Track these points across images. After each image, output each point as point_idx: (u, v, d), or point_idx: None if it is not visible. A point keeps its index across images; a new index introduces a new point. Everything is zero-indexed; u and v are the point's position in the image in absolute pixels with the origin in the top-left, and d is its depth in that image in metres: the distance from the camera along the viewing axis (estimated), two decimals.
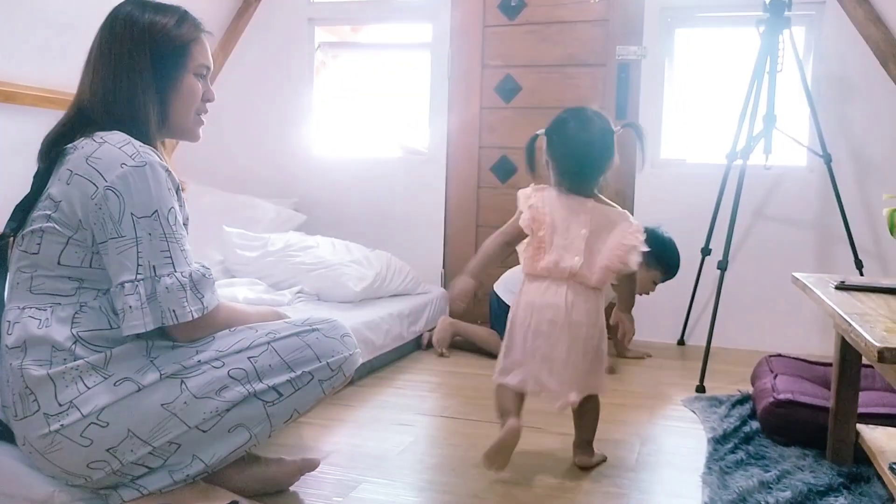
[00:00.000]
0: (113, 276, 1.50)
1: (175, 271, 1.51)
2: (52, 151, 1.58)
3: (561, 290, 1.92)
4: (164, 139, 1.69)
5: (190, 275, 1.53)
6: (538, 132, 2.06)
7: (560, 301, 1.91)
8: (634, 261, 1.94)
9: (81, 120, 1.59)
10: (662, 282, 3.15)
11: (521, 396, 1.95)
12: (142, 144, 1.54)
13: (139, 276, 1.48)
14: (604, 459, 2.05)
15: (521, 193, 2.01)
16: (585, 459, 2.02)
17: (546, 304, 1.92)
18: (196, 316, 1.53)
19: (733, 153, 3.18)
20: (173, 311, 1.50)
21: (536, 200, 1.97)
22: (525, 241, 1.99)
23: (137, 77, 1.58)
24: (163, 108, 1.63)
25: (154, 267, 1.49)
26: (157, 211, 1.51)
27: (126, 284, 1.48)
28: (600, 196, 2.02)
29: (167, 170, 1.55)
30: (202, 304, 1.54)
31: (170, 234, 1.52)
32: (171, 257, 1.51)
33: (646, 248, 1.98)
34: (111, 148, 1.51)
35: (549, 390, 1.92)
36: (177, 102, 1.65)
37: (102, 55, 1.59)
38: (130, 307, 1.47)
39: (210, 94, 1.72)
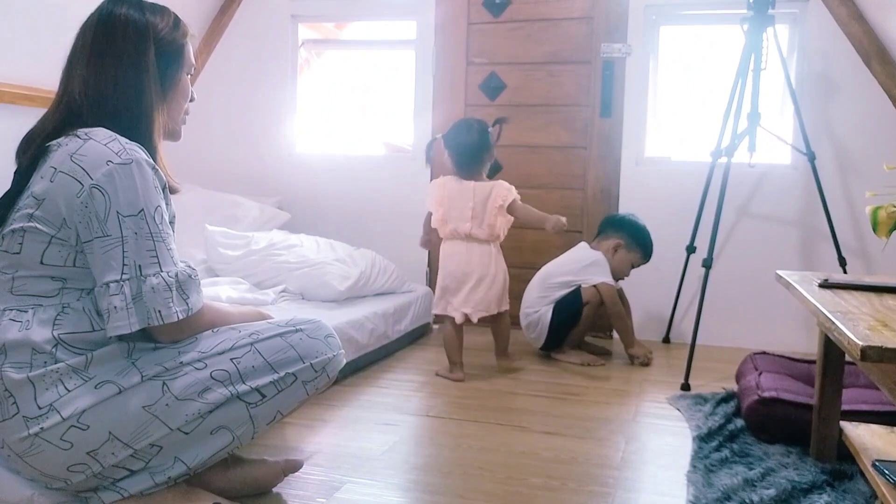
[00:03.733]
0: (98, 276, 1.48)
1: (161, 271, 1.49)
2: (35, 149, 1.56)
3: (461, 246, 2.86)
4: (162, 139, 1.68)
5: (176, 275, 1.51)
6: (436, 136, 2.96)
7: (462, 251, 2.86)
8: (511, 208, 2.84)
9: (69, 117, 1.56)
10: (638, 265, 3.26)
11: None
12: (128, 141, 1.52)
13: (125, 276, 1.46)
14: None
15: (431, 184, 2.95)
16: (506, 362, 2.96)
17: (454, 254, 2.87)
18: (181, 317, 1.51)
19: (718, 151, 3.18)
20: (159, 311, 1.48)
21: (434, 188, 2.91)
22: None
23: (145, 75, 1.58)
24: (166, 106, 1.64)
25: (140, 266, 1.47)
26: (143, 210, 1.49)
27: (111, 284, 1.45)
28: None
29: (154, 167, 1.54)
30: (188, 305, 1.52)
31: (156, 233, 1.50)
32: (157, 257, 1.49)
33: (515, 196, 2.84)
34: (96, 145, 1.49)
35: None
36: (175, 101, 1.67)
37: (99, 53, 1.57)
38: (115, 307, 1.45)
39: (193, 94, 1.73)
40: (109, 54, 1.57)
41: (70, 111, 1.57)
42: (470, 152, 2.87)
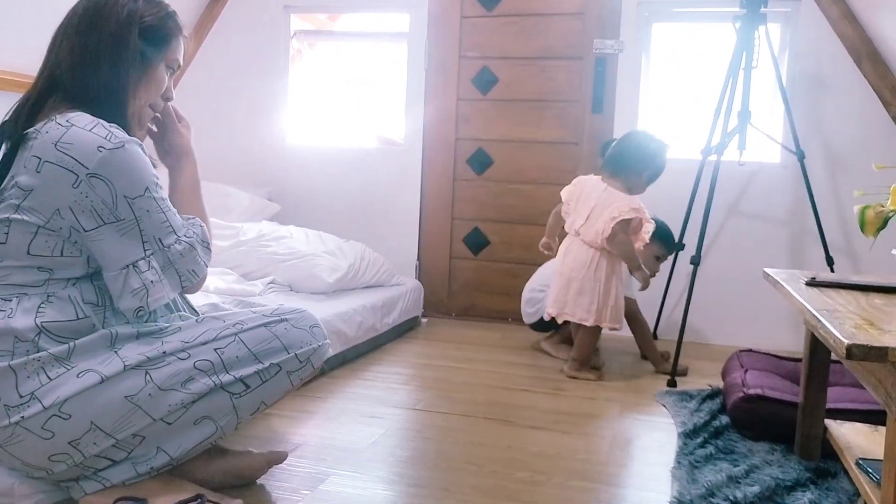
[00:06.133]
0: (116, 260, 1.48)
1: (179, 236, 1.56)
2: (14, 134, 1.54)
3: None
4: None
5: (194, 233, 1.60)
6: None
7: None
8: (617, 229, 2.77)
9: (51, 86, 1.55)
10: (665, 256, 3.18)
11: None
12: (109, 123, 1.51)
13: (148, 252, 1.51)
14: (596, 377, 2.83)
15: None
16: (570, 370, 2.87)
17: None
18: (209, 264, 1.63)
19: (708, 149, 3.19)
20: (193, 270, 1.58)
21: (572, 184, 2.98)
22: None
23: (124, 51, 1.56)
24: (138, 91, 1.61)
25: (160, 239, 1.53)
26: (147, 188, 1.51)
27: (139, 262, 1.49)
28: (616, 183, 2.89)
29: (139, 143, 1.54)
30: (210, 250, 1.65)
31: (164, 205, 1.55)
32: (171, 226, 1.55)
33: (629, 216, 2.77)
34: (80, 131, 1.47)
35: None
36: (144, 87, 1.62)
37: (87, 25, 1.56)
38: (151, 282, 1.50)
39: (170, 93, 1.70)
40: (94, 28, 1.56)
41: (52, 80, 1.57)
42: (627, 154, 2.93)
